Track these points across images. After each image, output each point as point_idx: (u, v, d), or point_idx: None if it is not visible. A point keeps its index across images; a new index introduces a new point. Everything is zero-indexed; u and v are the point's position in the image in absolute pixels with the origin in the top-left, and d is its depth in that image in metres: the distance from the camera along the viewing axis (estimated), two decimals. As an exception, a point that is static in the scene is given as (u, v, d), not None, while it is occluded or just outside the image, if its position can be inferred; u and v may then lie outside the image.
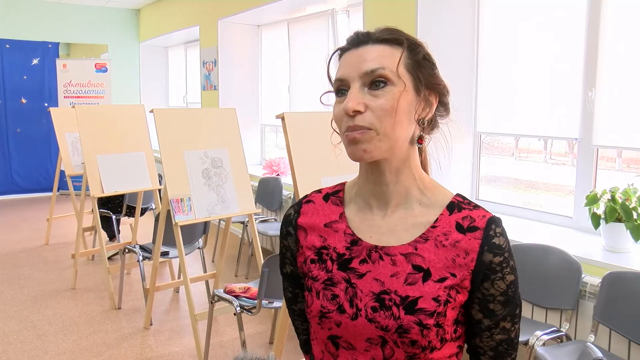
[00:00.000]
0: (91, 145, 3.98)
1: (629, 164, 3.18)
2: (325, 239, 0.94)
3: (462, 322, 0.90)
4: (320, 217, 0.97)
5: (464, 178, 3.55)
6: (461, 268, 0.86)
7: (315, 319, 0.90)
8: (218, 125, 3.29)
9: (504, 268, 0.86)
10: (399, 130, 0.85)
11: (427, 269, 0.86)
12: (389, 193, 0.90)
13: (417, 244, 0.88)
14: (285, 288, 1.06)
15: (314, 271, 0.93)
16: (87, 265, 4.84)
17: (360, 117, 0.83)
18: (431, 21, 3.39)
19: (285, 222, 1.01)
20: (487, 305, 0.88)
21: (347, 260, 0.91)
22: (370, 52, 0.85)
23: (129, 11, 8.34)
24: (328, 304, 0.89)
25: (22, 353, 3.18)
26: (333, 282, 0.90)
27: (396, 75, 0.84)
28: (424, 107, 0.88)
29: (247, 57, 6.10)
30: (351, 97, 0.84)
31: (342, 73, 0.87)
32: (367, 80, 0.84)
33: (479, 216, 0.88)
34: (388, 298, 0.86)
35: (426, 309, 0.84)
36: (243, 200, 3.26)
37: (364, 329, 0.86)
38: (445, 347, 0.87)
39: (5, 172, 7.83)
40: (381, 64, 0.84)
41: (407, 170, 0.90)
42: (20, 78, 7.75)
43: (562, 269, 2.52)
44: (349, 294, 0.88)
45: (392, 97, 0.83)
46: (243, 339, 2.87)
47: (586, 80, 2.87)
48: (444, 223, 0.88)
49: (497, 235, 0.87)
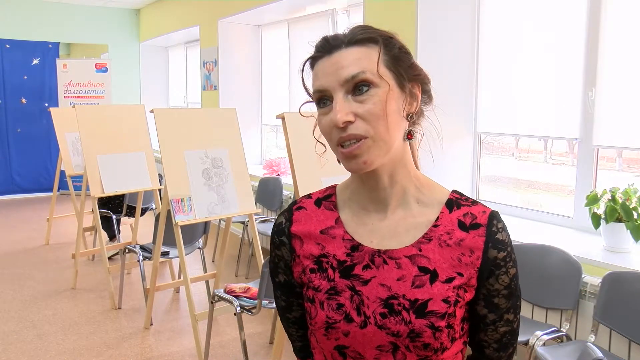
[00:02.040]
0: (91, 145, 3.99)
1: (629, 164, 3.18)
2: (323, 247, 0.91)
3: (467, 318, 0.90)
4: (315, 224, 0.93)
5: (464, 178, 3.55)
6: (467, 267, 0.85)
7: (321, 330, 0.87)
8: (218, 125, 3.29)
9: (508, 262, 0.86)
10: (393, 132, 0.82)
11: (434, 270, 0.85)
12: (387, 196, 0.88)
13: (420, 245, 0.86)
14: (278, 297, 1.02)
15: (315, 281, 0.89)
16: (87, 265, 4.84)
17: (352, 126, 0.80)
18: (431, 21, 3.39)
19: (277, 232, 0.96)
20: (492, 300, 0.87)
21: (349, 267, 0.88)
22: (345, 57, 0.82)
23: (129, 11, 8.34)
24: (334, 314, 0.86)
25: (22, 353, 3.18)
26: (337, 291, 0.87)
27: (378, 77, 0.81)
28: (410, 101, 0.85)
29: (248, 57, 6.10)
30: (337, 108, 0.80)
31: (321, 83, 0.83)
32: (349, 87, 0.81)
33: (479, 212, 0.87)
34: (397, 303, 0.84)
35: (437, 311, 0.83)
36: (243, 200, 3.26)
37: (374, 337, 0.84)
38: (454, 345, 0.87)
39: (6, 172, 7.83)
40: (360, 67, 0.81)
41: (403, 170, 0.88)
42: (21, 78, 7.75)
43: (562, 269, 2.52)
44: (355, 302, 0.85)
45: (378, 99, 0.80)
46: (243, 339, 2.87)
47: (586, 80, 2.87)
48: (445, 222, 0.87)
49: (500, 231, 0.86)
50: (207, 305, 3.51)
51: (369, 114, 0.80)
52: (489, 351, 0.92)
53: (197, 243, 3.93)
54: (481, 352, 0.93)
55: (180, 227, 3.01)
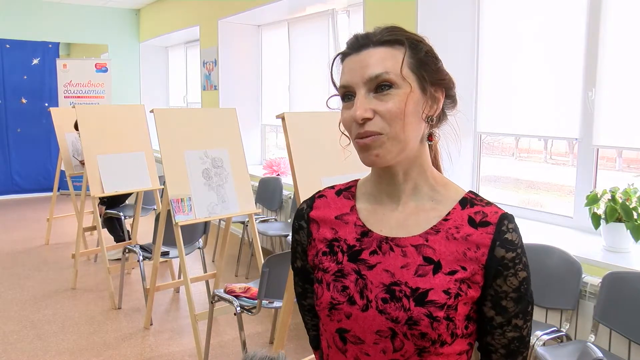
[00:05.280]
0: (91, 145, 3.99)
1: (629, 164, 3.18)
2: (336, 231, 0.95)
3: (474, 319, 0.90)
4: (332, 210, 0.98)
5: (464, 178, 3.55)
6: (472, 262, 0.86)
7: (325, 310, 0.90)
8: (218, 125, 3.29)
9: (517, 264, 0.86)
10: (409, 132, 0.85)
11: (438, 261, 0.86)
12: (400, 190, 0.91)
13: (428, 236, 0.88)
14: (296, 283, 1.08)
15: (324, 263, 0.93)
16: (87, 265, 4.84)
17: (370, 123, 0.84)
18: (431, 21, 3.39)
19: (297, 216, 1.02)
20: (499, 302, 0.87)
21: (357, 252, 0.91)
22: (371, 56, 0.85)
23: (129, 11, 8.34)
24: (338, 296, 0.89)
25: (22, 353, 3.18)
26: (343, 273, 0.90)
27: (401, 78, 0.84)
28: (431, 105, 0.88)
29: (248, 57, 6.10)
30: (358, 104, 0.84)
31: (346, 79, 0.87)
32: (372, 86, 0.84)
33: (491, 212, 0.88)
34: (398, 289, 0.85)
35: (436, 301, 0.83)
36: (243, 200, 3.26)
37: (374, 321, 0.86)
38: (456, 342, 0.86)
39: (6, 172, 7.82)
40: (384, 68, 0.84)
41: (418, 168, 0.90)
42: (21, 78, 7.75)
43: (563, 269, 2.52)
44: (359, 285, 0.88)
45: (399, 100, 0.83)
46: (243, 339, 2.87)
47: (586, 80, 2.87)
48: (455, 217, 0.89)
49: (510, 231, 0.86)
50: (207, 305, 3.51)
51: (387, 112, 0.83)
52: (496, 356, 0.92)
53: (197, 243, 3.93)
54: (488, 356, 0.93)
55: (180, 227, 3.01)
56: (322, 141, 2.38)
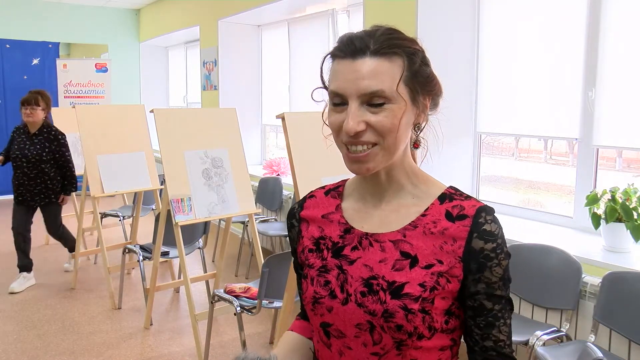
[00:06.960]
0: (91, 145, 3.99)
1: (629, 164, 3.18)
2: (322, 230, 0.98)
3: (456, 314, 0.89)
4: (320, 210, 1.01)
5: (464, 178, 3.55)
6: (448, 255, 0.86)
7: (309, 305, 0.94)
8: (218, 125, 3.29)
9: (499, 254, 0.87)
10: (399, 143, 0.87)
11: (415, 256, 0.88)
12: (384, 189, 0.94)
13: (405, 231, 0.90)
14: (297, 277, 1.12)
15: (310, 259, 0.97)
16: (87, 265, 4.84)
17: (362, 133, 0.84)
18: (431, 21, 3.39)
19: (289, 216, 1.06)
20: (494, 293, 0.88)
21: (340, 248, 0.94)
22: (368, 67, 0.83)
23: (129, 11, 8.34)
24: (321, 290, 0.92)
25: (22, 353, 3.18)
26: (326, 269, 0.94)
27: (396, 94, 0.84)
28: (419, 114, 0.89)
29: (248, 57, 6.10)
30: (351, 116, 0.83)
31: (339, 87, 0.85)
32: (365, 99, 0.84)
33: (469, 205, 0.89)
34: (376, 283, 0.88)
35: (411, 293, 0.85)
36: (243, 200, 3.26)
37: (353, 314, 0.88)
38: (436, 337, 0.87)
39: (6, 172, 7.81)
40: (380, 84, 0.82)
41: (401, 168, 0.92)
42: (21, 78, 7.74)
43: (562, 269, 2.52)
44: (340, 279, 0.91)
45: (392, 115, 0.84)
46: (243, 339, 2.87)
47: (586, 80, 2.87)
48: (433, 212, 0.90)
49: (488, 222, 0.87)
50: (207, 305, 3.51)
51: (381, 125, 0.84)
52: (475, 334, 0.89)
53: (197, 243, 3.93)
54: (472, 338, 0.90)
55: (180, 227, 3.01)
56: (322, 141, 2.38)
